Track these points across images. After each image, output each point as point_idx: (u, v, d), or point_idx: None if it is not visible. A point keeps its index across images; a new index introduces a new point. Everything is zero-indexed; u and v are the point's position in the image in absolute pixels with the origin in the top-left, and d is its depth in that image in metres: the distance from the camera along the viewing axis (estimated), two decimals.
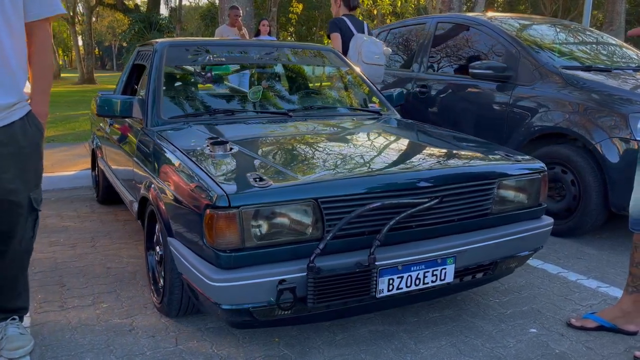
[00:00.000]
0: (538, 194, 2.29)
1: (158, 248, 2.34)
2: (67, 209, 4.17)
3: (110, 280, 2.78)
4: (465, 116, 4.21)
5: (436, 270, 1.99)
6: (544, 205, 2.34)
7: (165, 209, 2.15)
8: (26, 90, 1.93)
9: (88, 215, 4.03)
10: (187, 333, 2.22)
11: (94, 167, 4.49)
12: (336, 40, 4.41)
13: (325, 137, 2.57)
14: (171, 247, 2.05)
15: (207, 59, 3.22)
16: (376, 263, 1.84)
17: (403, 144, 2.55)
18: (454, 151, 2.38)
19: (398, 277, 1.92)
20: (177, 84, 3.31)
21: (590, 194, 3.32)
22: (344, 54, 4.21)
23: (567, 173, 3.45)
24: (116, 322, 2.31)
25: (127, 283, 2.74)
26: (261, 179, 1.83)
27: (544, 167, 2.33)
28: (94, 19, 38.27)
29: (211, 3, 28.36)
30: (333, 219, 1.84)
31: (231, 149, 2.17)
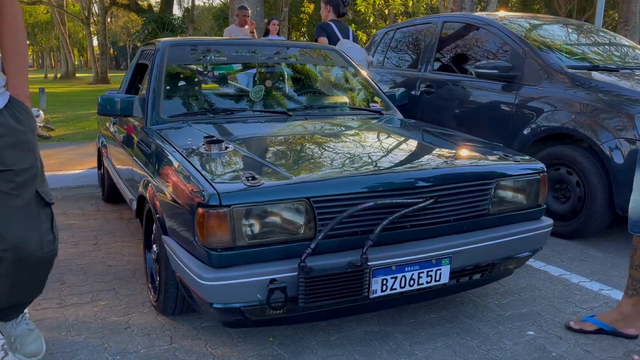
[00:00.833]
0: (537, 195, 2.26)
1: (155, 246, 2.35)
2: (73, 207, 4.20)
3: (110, 278, 2.79)
4: (470, 116, 4.18)
5: (431, 271, 1.97)
6: (544, 206, 2.31)
7: (160, 207, 2.16)
8: None
9: (93, 213, 4.06)
10: (183, 331, 2.22)
11: (100, 166, 4.52)
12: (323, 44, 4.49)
13: (322, 137, 2.55)
14: (166, 246, 2.06)
15: (209, 59, 3.22)
16: (369, 263, 1.83)
17: (400, 144, 2.53)
18: (452, 151, 2.36)
19: (392, 278, 1.90)
20: (178, 83, 3.32)
21: (595, 196, 3.27)
22: None
23: (573, 174, 3.40)
24: (113, 320, 2.32)
25: (127, 281, 2.75)
26: (253, 178, 1.82)
27: (544, 168, 2.29)
28: (109, 20, 38.64)
29: (224, 3, 28.50)
30: (326, 219, 1.83)
31: (226, 148, 2.17)
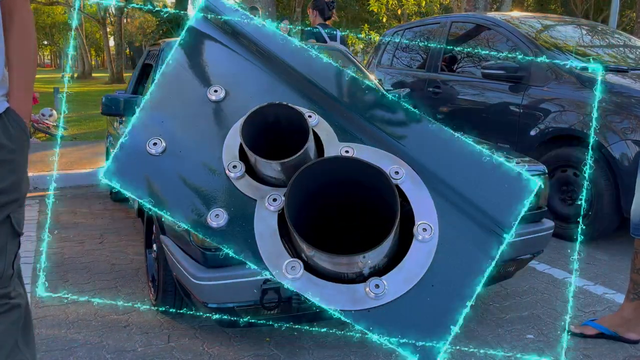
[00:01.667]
0: (538, 197, 2.24)
1: (154, 246, 2.37)
2: (81, 206, 4.25)
3: (112, 276, 2.82)
4: (477, 117, 4.15)
5: None
6: (545, 208, 2.29)
7: None
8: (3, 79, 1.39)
9: (100, 212, 4.10)
10: (180, 330, 2.24)
11: None
12: None
13: None
14: (163, 245, 2.07)
15: None
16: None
17: None
18: None
19: None
20: None
21: (602, 198, 3.22)
22: None
23: (579, 176, 3.36)
24: (113, 318, 2.34)
25: (129, 280, 2.77)
26: None
27: (545, 170, 2.27)
28: (125, 20, 38.99)
29: (237, 3, 28.60)
30: None
31: None
